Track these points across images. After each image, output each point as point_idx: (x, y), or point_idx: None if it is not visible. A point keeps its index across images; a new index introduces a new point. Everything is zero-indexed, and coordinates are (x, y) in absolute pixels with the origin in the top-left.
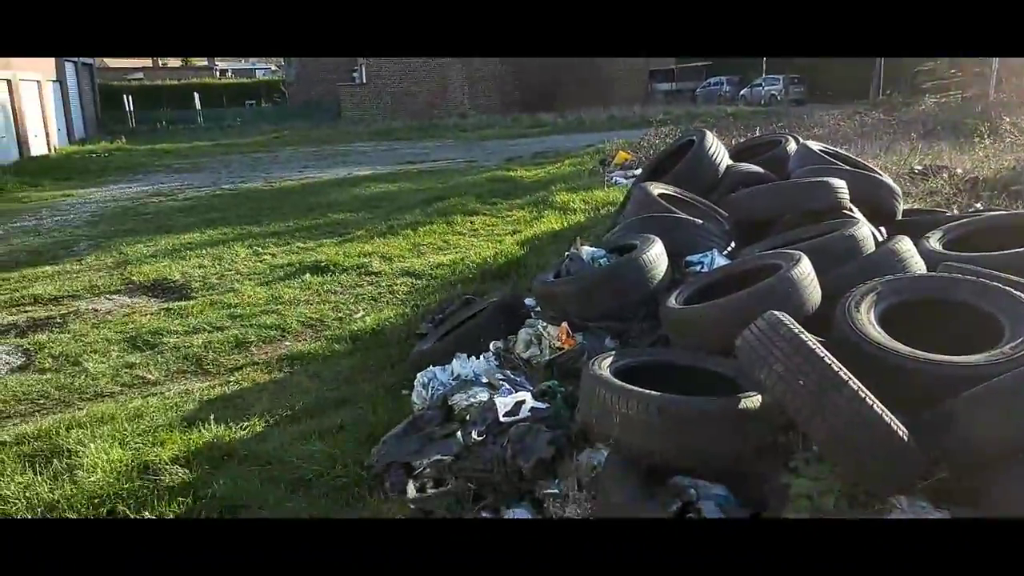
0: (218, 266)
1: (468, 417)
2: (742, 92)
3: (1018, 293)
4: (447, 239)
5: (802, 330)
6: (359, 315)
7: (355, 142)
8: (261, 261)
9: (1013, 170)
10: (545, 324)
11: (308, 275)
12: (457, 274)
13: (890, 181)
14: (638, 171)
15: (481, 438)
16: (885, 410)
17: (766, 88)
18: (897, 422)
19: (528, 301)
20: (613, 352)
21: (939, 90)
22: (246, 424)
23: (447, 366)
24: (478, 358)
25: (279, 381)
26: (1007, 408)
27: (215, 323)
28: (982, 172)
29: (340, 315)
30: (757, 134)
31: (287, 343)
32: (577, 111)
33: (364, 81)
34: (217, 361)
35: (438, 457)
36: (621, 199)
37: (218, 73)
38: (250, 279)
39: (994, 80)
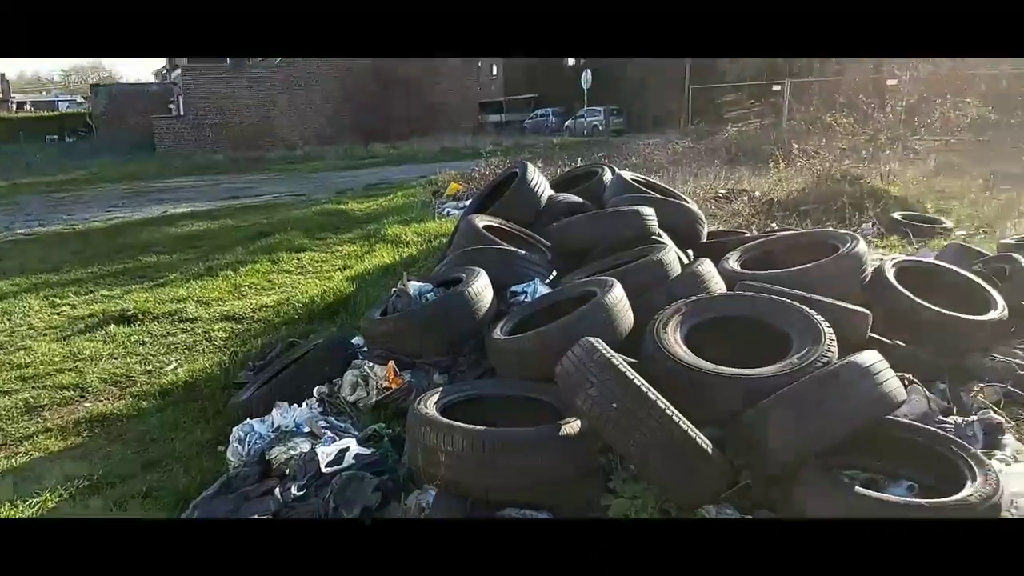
0: (6, 322)
1: (288, 471)
2: (567, 123)
3: (803, 307)
4: (271, 278)
5: (614, 354)
6: (171, 367)
7: (173, 177)
8: (58, 313)
9: (802, 192)
10: (372, 364)
11: (113, 326)
12: (282, 316)
13: (694, 207)
14: (469, 202)
15: (301, 492)
16: (691, 427)
17: (588, 119)
18: (703, 437)
19: (356, 341)
20: (440, 388)
21: (740, 119)
22: (36, 500)
23: (267, 417)
24: (300, 406)
25: (77, 447)
26: (795, 416)
27: (1, 387)
28: (776, 194)
29: (149, 368)
30: (579, 164)
31: (87, 404)
32: (410, 142)
33: (182, 113)
34: (3, 431)
35: (254, 518)
36: (452, 230)
37: (14, 106)
38: (45, 334)
39: (786, 109)
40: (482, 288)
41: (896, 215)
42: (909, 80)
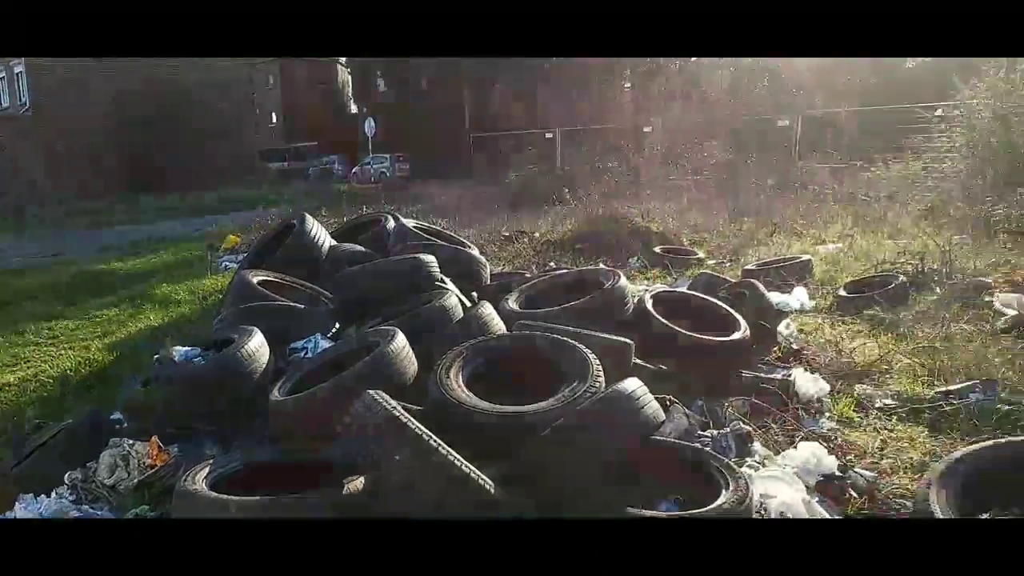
0: None
1: None
2: (353, 171)
3: (572, 342)
4: (16, 352)
5: (395, 405)
6: None
7: None
8: None
9: (576, 232)
10: (132, 442)
11: None
12: (30, 394)
13: (476, 252)
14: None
15: None
16: (474, 470)
17: (375, 166)
18: (484, 478)
19: (115, 416)
20: (211, 461)
21: (521, 164)
22: None
23: (8, 514)
24: (48, 496)
25: None
26: (568, 445)
27: None
28: (553, 235)
29: None
30: (364, 212)
31: None
32: (185, 192)
33: None
34: None
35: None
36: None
37: None
38: None
39: (559, 156)
40: (256, 348)
41: (657, 249)
42: (661, 127)
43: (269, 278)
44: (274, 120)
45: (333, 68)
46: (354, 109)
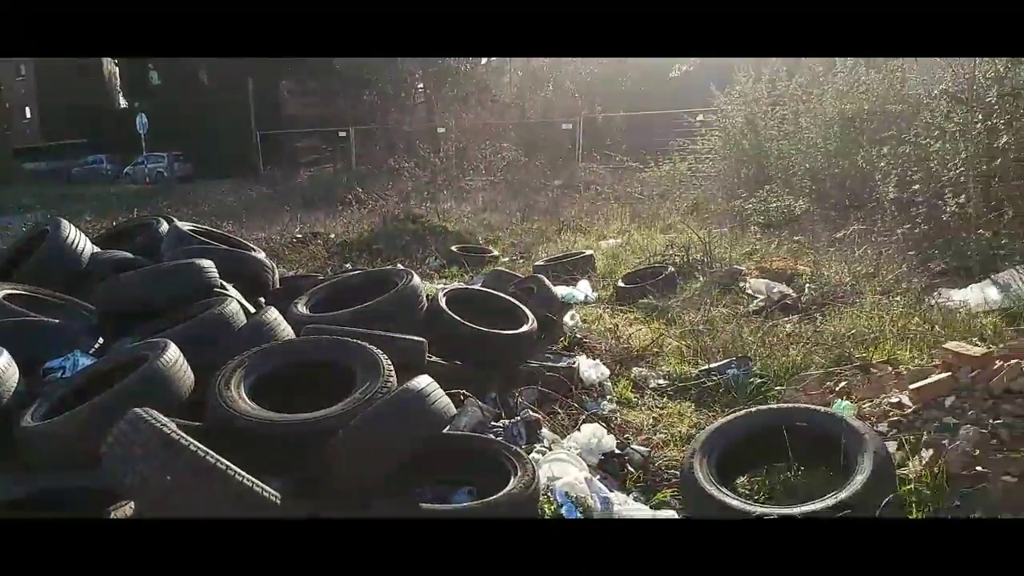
0: None
1: None
2: (126, 170)
3: (362, 343)
4: None
5: (166, 422)
6: None
7: None
8: None
9: (372, 232)
10: None
11: None
12: None
13: (261, 255)
14: None
15: None
16: (256, 482)
17: (150, 165)
18: (269, 490)
19: None
20: None
21: (314, 164)
22: None
23: None
24: None
25: None
26: (361, 446)
27: None
28: (350, 236)
29: None
30: (136, 215)
31: None
32: None
33: None
34: None
35: None
36: None
37: None
38: None
39: (354, 155)
40: (2, 370)
41: (454, 248)
42: (455, 128)
43: (17, 292)
44: (28, 115)
45: (97, 58)
46: (124, 103)
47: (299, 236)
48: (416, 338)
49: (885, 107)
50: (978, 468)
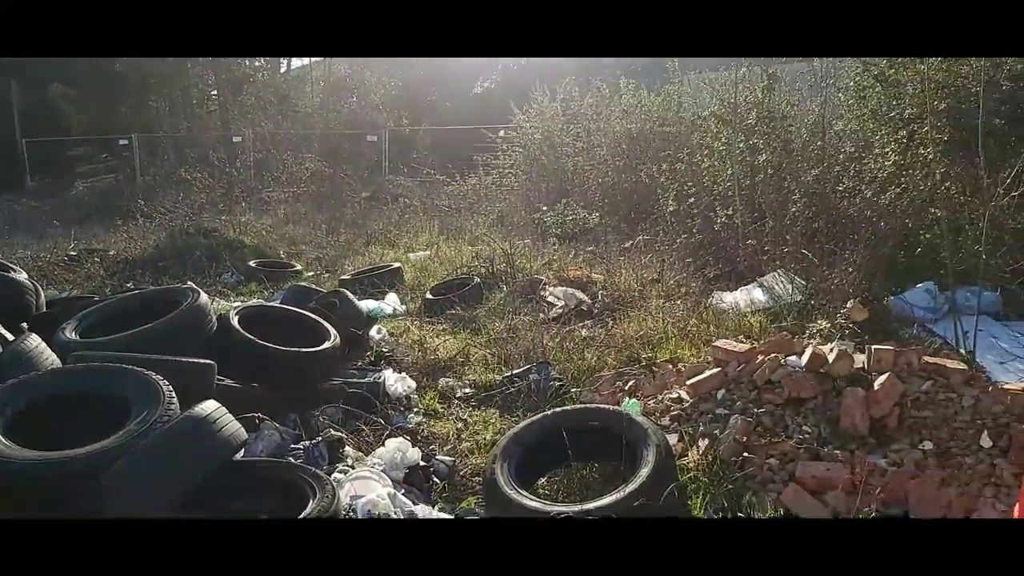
0: None
1: None
2: None
3: (137, 369)
4: None
5: None
6: None
7: None
8: None
9: (158, 248)
10: None
11: None
12: None
13: (21, 276)
14: None
15: None
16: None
17: None
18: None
19: None
20: None
21: (91, 175)
22: None
23: None
24: None
25: None
26: (139, 480)
27: None
28: (132, 252)
29: None
30: None
31: None
32: None
33: None
34: None
35: None
36: None
37: None
38: None
39: (138, 164)
40: None
41: (252, 263)
42: (253, 137)
43: None
44: None
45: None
46: None
47: (73, 253)
48: (202, 361)
49: (664, 128)
50: (745, 454)
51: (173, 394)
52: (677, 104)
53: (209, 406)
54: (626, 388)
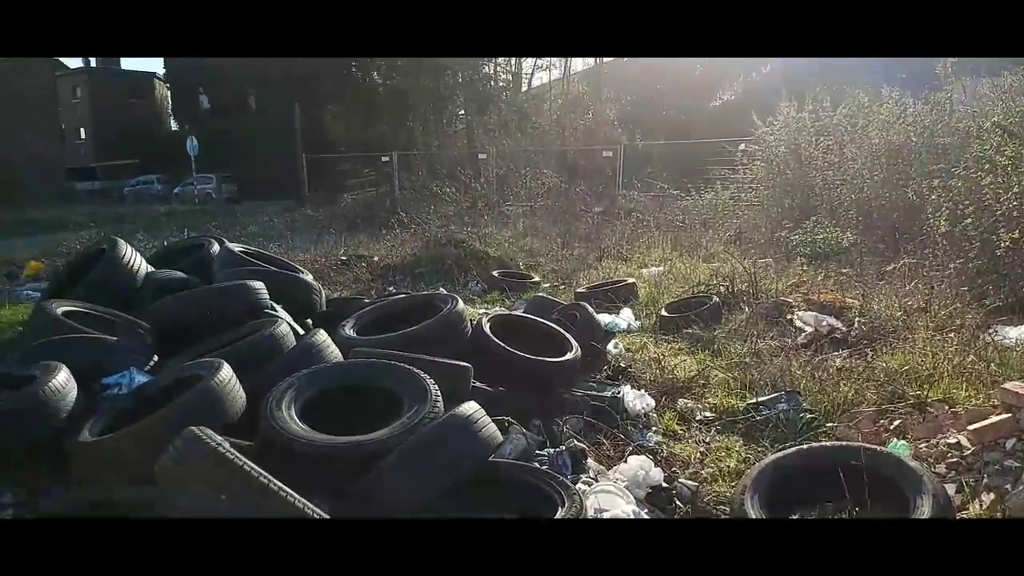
0: None
1: None
2: (176, 191)
3: (410, 368)
4: None
5: (221, 442)
6: None
7: None
8: None
9: (415, 256)
10: None
11: None
12: None
13: (308, 277)
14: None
15: None
16: (307, 504)
17: (199, 186)
18: (319, 511)
19: None
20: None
21: (357, 188)
22: None
23: None
24: None
25: None
26: (408, 472)
27: None
28: (392, 259)
29: None
30: (186, 235)
31: None
32: None
33: None
34: None
35: None
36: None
37: None
38: None
39: (396, 179)
40: (62, 385)
41: (495, 273)
42: (496, 154)
43: (76, 309)
44: (82, 136)
45: (149, 82)
46: (174, 126)
47: (343, 258)
48: (461, 363)
49: (933, 139)
50: None
51: (439, 393)
52: (949, 112)
53: (471, 407)
54: (891, 428)
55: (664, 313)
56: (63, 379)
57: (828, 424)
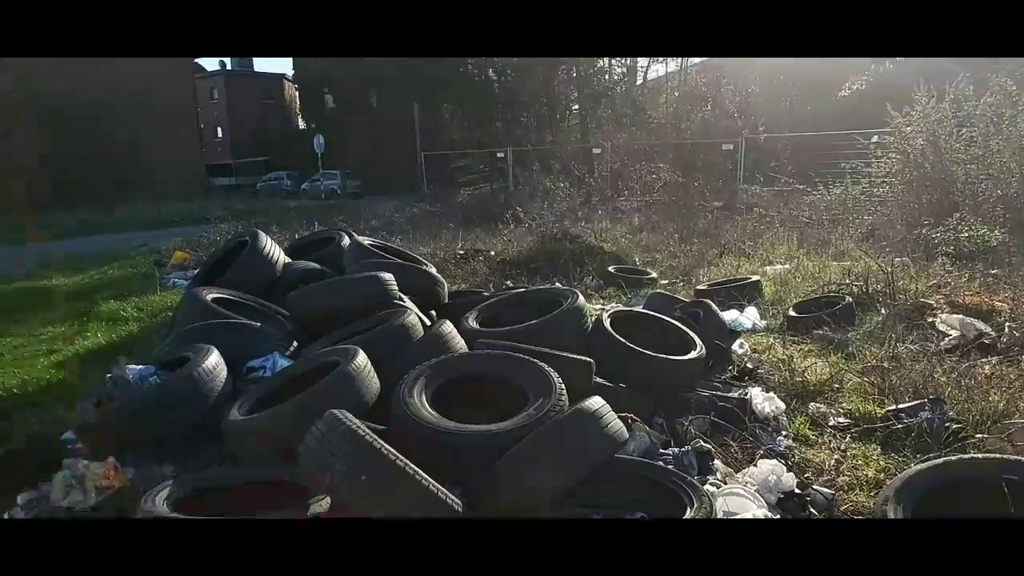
0: None
1: None
2: (303, 186)
3: (535, 361)
4: None
5: (360, 425)
6: None
7: None
8: None
9: (531, 250)
10: (87, 462)
11: None
12: None
13: (433, 270)
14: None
15: None
16: (441, 488)
17: (325, 183)
18: (452, 497)
19: (67, 436)
20: (171, 482)
21: (472, 183)
22: None
23: None
24: None
25: None
26: (536, 461)
27: None
28: (508, 254)
29: None
30: (316, 228)
31: None
32: (127, 206)
33: None
34: None
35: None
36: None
37: None
38: None
39: (511, 174)
40: (213, 367)
41: (611, 268)
42: (611, 148)
43: (222, 296)
44: (219, 134)
45: (279, 83)
46: (302, 125)
47: (462, 252)
48: (584, 358)
49: None
50: None
51: (563, 387)
52: None
53: (596, 402)
54: None
55: (792, 313)
56: (214, 361)
57: (976, 435)
